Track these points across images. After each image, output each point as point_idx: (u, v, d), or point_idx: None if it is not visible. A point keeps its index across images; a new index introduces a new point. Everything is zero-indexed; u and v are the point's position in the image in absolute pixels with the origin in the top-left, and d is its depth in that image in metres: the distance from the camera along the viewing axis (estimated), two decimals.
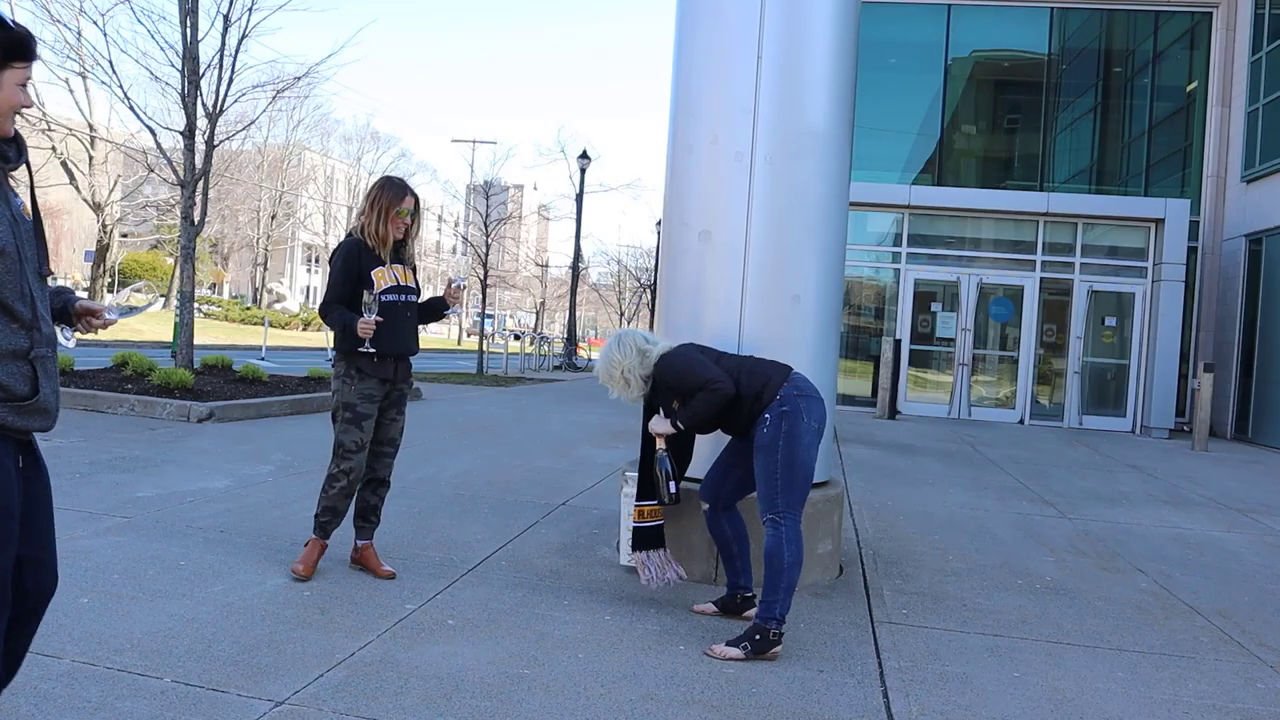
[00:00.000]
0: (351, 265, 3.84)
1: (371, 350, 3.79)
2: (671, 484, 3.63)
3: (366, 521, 4.04)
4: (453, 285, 4.04)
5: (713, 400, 3.43)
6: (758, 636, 3.26)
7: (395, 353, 3.91)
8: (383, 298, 3.83)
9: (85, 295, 2.91)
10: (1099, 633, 3.85)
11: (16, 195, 1.99)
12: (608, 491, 6.19)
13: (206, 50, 10.66)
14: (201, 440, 7.20)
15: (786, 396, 3.41)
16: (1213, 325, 15.49)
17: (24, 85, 1.96)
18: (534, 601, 3.74)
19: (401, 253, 3.99)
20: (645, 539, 3.79)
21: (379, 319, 3.74)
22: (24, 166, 2.03)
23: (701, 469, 3.93)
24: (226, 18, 10.62)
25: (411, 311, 3.98)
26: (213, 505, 5.00)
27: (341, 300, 3.84)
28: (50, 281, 2.11)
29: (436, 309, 4.12)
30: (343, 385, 3.86)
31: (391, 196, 3.88)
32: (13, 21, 1.92)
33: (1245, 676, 3.43)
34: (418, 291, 4.05)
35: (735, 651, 3.25)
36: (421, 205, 4.02)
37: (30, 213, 2.03)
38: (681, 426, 3.54)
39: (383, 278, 3.87)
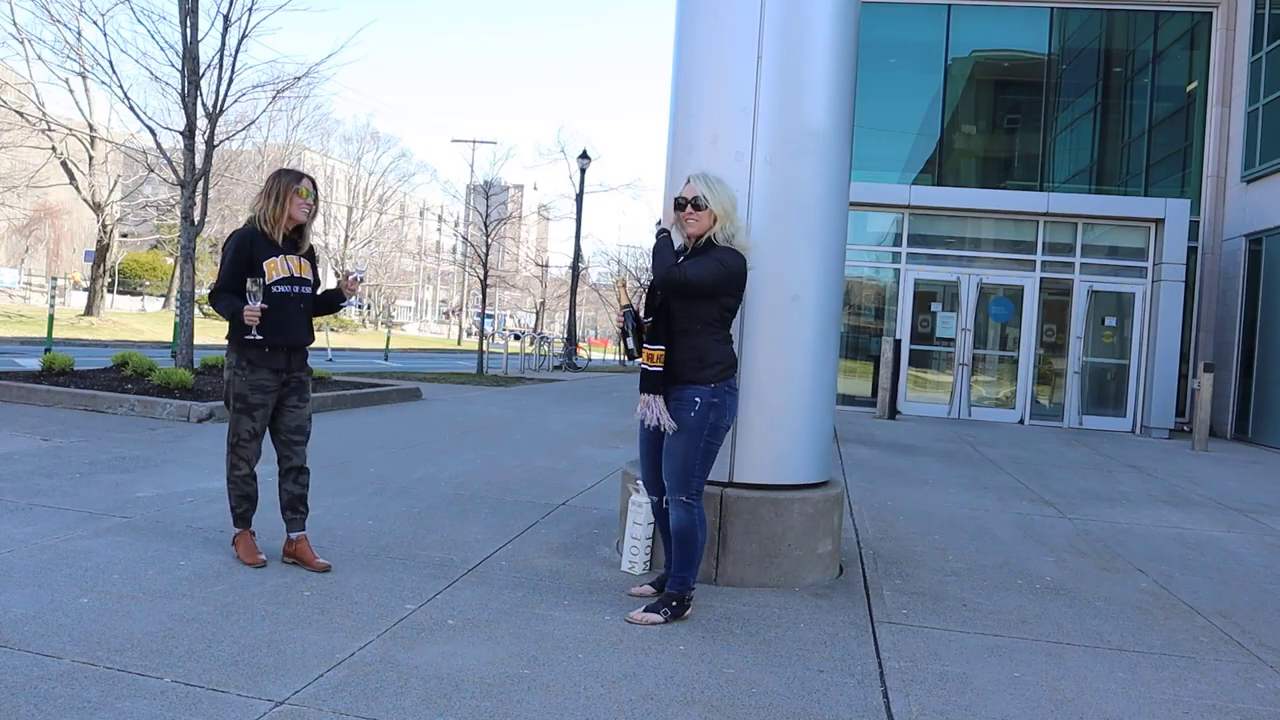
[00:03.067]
0: (242, 254, 3.85)
1: (259, 338, 3.82)
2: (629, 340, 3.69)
3: (296, 513, 4.03)
4: (349, 278, 4.01)
5: (679, 287, 3.49)
6: (675, 604, 3.58)
7: (286, 344, 3.95)
8: (274, 289, 3.85)
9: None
10: (1099, 633, 3.85)
11: None
12: (608, 491, 6.18)
13: (206, 50, 10.67)
14: (201, 440, 7.19)
15: (720, 389, 3.59)
16: (1213, 325, 15.49)
17: None
18: (534, 601, 3.74)
19: (298, 244, 3.99)
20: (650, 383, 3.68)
21: (264, 306, 3.77)
22: None
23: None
24: (226, 18, 10.63)
25: (305, 303, 3.99)
26: (213, 505, 5.00)
27: (230, 289, 3.86)
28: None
29: (333, 301, 4.13)
30: (234, 376, 3.94)
31: (289, 180, 3.92)
32: None
33: (1245, 676, 3.43)
34: (314, 284, 4.05)
35: (656, 617, 3.54)
36: (320, 190, 4.05)
37: None
38: (662, 274, 3.53)
39: (275, 268, 3.88)
